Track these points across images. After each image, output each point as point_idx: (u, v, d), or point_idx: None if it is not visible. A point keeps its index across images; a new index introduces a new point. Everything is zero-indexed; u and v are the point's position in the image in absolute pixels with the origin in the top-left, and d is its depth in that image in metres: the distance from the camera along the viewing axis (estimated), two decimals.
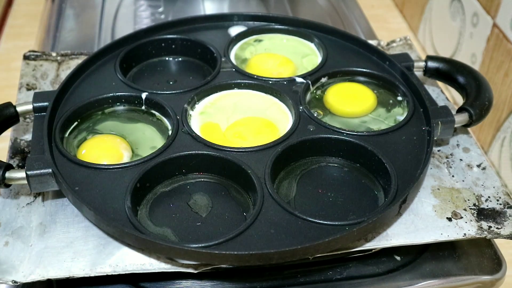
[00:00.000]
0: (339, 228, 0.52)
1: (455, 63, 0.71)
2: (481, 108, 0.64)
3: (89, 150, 0.59)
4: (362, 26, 0.98)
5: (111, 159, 0.58)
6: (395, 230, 0.54)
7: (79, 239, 0.53)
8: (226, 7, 1.03)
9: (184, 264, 0.51)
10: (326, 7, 1.04)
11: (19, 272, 0.50)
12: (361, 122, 0.66)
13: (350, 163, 0.61)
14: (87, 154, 0.59)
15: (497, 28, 0.84)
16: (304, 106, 0.65)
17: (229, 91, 0.68)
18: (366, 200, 0.57)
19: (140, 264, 0.51)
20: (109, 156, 0.59)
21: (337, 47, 0.75)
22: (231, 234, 0.50)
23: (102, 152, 0.59)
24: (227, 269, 0.53)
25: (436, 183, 0.60)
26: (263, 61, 0.73)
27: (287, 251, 0.49)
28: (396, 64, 0.70)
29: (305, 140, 0.60)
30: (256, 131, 0.62)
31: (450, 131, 0.63)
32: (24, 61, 0.73)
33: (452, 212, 0.56)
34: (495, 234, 0.55)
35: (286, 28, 0.78)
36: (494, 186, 0.60)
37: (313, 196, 0.57)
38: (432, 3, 1.03)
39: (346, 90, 0.69)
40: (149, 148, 0.61)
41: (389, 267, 0.56)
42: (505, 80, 0.83)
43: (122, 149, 0.60)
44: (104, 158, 0.58)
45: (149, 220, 0.54)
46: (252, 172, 0.56)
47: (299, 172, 0.60)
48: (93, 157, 0.58)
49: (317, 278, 0.55)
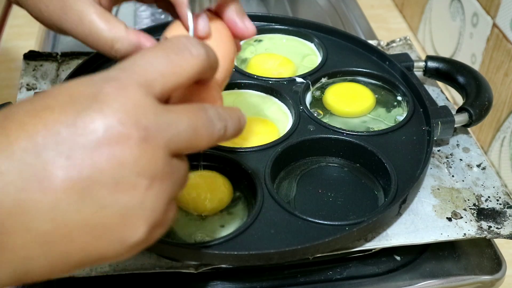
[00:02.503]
0: (339, 228, 0.52)
1: (455, 63, 0.71)
2: (481, 108, 0.64)
3: None
4: (362, 26, 0.98)
5: None
6: (395, 230, 0.55)
7: None
8: None
9: (184, 264, 0.51)
10: (326, 7, 1.04)
11: None
12: (361, 122, 0.66)
13: (350, 163, 0.61)
14: None
15: (497, 28, 0.84)
16: (304, 106, 0.65)
17: (229, 91, 0.68)
18: (366, 200, 0.57)
19: (140, 264, 0.51)
20: None
21: (337, 47, 0.75)
22: (231, 234, 0.51)
23: None
24: (227, 269, 0.53)
25: (436, 183, 0.60)
26: (263, 61, 0.73)
27: (287, 251, 0.49)
28: (396, 64, 0.70)
29: (305, 140, 0.60)
30: (256, 131, 0.62)
31: (450, 131, 0.63)
32: (24, 61, 0.73)
33: (452, 212, 0.56)
34: (495, 234, 0.55)
35: (286, 28, 0.78)
36: (494, 186, 0.60)
37: (313, 196, 0.57)
38: (432, 3, 1.03)
39: (346, 90, 0.69)
40: None
41: (389, 267, 0.56)
42: (505, 80, 0.83)
43: None
44: None
45: None
46: (252, 172, 0.56)
47: (299, 172, 0.60)
48: None
49: (317, 278, 0.55)
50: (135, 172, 0.32)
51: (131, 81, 0.33)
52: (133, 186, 0.32)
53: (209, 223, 0.54)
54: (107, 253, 0.33)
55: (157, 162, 0.32)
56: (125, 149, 0.31)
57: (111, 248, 0.33)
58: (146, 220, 0.33)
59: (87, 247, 0.32)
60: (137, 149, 0.31)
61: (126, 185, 0.31)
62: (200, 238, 0.52)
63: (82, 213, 0.31)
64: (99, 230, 0.32)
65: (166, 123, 0.33)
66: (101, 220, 0.31)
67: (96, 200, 0.31)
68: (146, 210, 0.33)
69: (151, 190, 0.32)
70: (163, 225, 0.35)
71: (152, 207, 0.33)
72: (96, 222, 0.31)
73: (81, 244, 0.32)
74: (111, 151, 0.31)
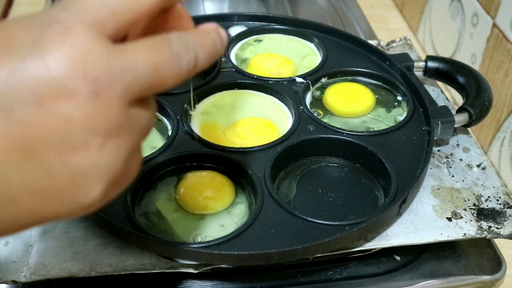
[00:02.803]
0: (339, 228, 0.52)
1: (455, 63, 0.71)
2: (481, 108, 0.64)
3: None
4: (362, 26, 0.98)
5: None
6: (395, 230, 0.55)
7: (79, 239, 0.53)
8: (226, 7, 1.03)
9: (184, 264, 0.51)
10: (326, 7, 1.04)
11: (19, 272, 0.50)
12: (361, 122, 0.66)
13: (350, 163, 0.61)
14: None
15: (497, 28, 0.84)
16: (304, 106, 0.65)
17: (229, 91, 0.68)
18: (366, 200, 0.57)
19: (140, 264, 0.51)
20: None
21: (337, 47, 0.75)
22: (231, 234, 0.51)
23: None
24: (227, 269, 0.53)
25: (436, 183, 0.60)
26: (263, 61, 0.73)
27: (287, 251, 0.49)
28: (396, 64, 0.70)
29: (305, 140, 0.60)
30: (256, 131, 0.62)
31: (450, 131, 0.63)
32: None
33: (452, 212, 0.56)
34: (495, 234, 0.55)
35: (286, 28, 0.78)
36: (494, 186, 0.60)
37: (313, 196, 0.57)
38: (432, 3, 1.03)
39: (345, 90, 0.69)
40: (149, 148, 0.61)
41: (389, 267, 0.56)
42: (505, 80, 0.83)
43: None
44: None
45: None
46: (252, 172, 0.56)
47: (299, 172, 0.60)
48: None
49: (317, 278, 0.55)
50: (85, 131, 0.28)
51: (76, 22, 0.29)
52: (83, 146, 0.28)
53: (209, 223, 0.54)
54: (60, 213, 0.30)
55: (111, 117, 0.29)
56: (72, 105, 0.27)
57: (64, 209, 0.30)
58: (101, 181, 0.30)
59: (35, 210, 0.29)
60: (86, 104, 0.28)
61: (76, 145, 0.28)
62: (200, 238, 0.52)
63: (27, 176, 0.28)
64: (47, 193, 0.29)
65: (120, 69, 0.29)
66: (49, 183, 0.29)
67: (42, 163, 0.28)
68: (100, 171, 0.29)
69: (105, 149, 0.29)
70: (123, 181, 0.32)
71: (108, 166, 0.29)
72: (43, 185, 0.29)
73: (29, 208, 0.29)
74: (57, 108, 0.27)
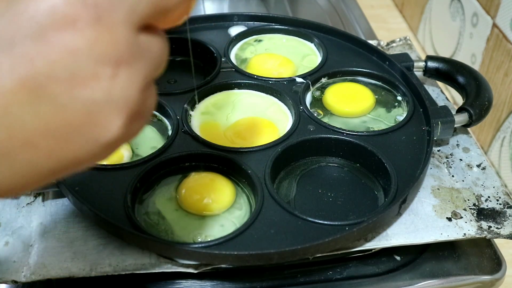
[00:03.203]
0: (339, 228, 0.52)
1: (454, 63, 0.71)
2: (481, 108, 0.64)
3: None
4: (362, 26, 0.98)
5: (111, 159, 0.58)
6: (395, 230, 0.55)
7: (79, 239, 0.53)
8: (226, 7, 1.03)
9: (184, 264, 0.51)
10: (326, 7, 1.04)
11: (19, 272, 0.50)
12: (361, 122, 0.66)
13: (350, 163, 0.61)
14: None
15: (497, 28, 0.84)
16: (304, 106, 0.65)
17: (229, 91, 0.68)
18: (366, 200, 0.57)
19: (140, 264, 0.51)
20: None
21: (337, 47, 0.75)
22: (231, 234, 0.51)
23: None
24: (227, 269, 0.53)
25: (436, 183, 0.60)
26: (263, 61, 0.73)
27: (287, 251, 0.49)
28: (396, 64, 0.70)
29: (305, 140, 0.60)
30: (256, 131, 0.62)
31: (450, 131, 0.63)
32: None
33: (452, 212, 0.56)
34: (495, 234, 0.55)
35: (286, 28, 0.78)
36: (494, 186, 0.60)
37: (313, 196, 0.57)
38: (432, 3, 1.04)
39: (345, 90, 0.69)
40: (149, 148, 0.61)
41: (389, 267, 0.56)
42: (505, 80, 0.83)
43: (122, 149, 0.60)
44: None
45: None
46: (252, 172, 0.56)
47: (299, 172, 0.60)
48: None
49: (317, 278, 0.55)
50: (92, 60, 0.26)
51: None
52: (93, 77, 0.27)
53: (209, 223, 0.54)
54: (81, 156, 0.28)
55: (118, 43, 0.27)
56: (74, 34, 0.26)
57: (84, 150, 0.28)
58: (119, 112, 0.28)
59: (54, 153, 0.28)
60: (89, 31, 0.26)
61: (85, 77, 0.27)
62: (200, 238, 0.52)
63: (40, 115, 0.26)
64: (63, 133, 0.27)
65: None
66: (63, 121, 0.27)
67: (53, 99, 0.26)
68: (116, 102, 0.28)
69: (118, 78, 0.27)
70: (143, 115, 0.30)
71: (123, 97, 0.28)
72: (58, 124, 0.27)
73: (47, 150, 0.27)
74: (59, 38, 0.26)
